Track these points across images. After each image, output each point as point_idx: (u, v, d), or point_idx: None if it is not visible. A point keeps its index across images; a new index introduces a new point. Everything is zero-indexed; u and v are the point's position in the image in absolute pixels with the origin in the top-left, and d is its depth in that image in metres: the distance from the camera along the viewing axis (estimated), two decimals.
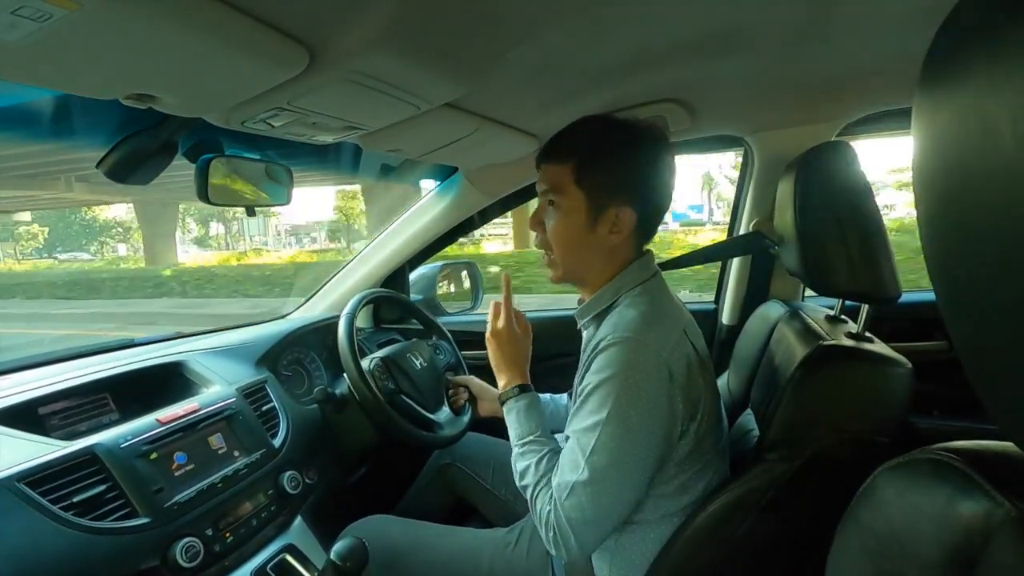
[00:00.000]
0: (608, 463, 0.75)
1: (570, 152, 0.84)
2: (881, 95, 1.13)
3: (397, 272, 1.65)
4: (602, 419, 0.75)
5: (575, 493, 0.76)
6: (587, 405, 0.77)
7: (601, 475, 0.75)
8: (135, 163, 0.86)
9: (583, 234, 0.85)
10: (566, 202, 0.85)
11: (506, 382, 0.98)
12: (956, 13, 0.31)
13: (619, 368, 0.75)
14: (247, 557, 0.93)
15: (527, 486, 0.85)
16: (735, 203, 1.47)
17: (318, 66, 0.65)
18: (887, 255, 0.86)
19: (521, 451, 0.89)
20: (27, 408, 0.91)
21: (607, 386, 0.75)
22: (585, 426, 0.77)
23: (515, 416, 0.93)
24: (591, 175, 0.83)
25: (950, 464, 0.37)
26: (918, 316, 1.18)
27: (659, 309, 0.82)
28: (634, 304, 0.82)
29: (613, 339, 0.77)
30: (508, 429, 0.94)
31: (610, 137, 0.84)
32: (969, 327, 0.33)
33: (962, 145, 0.30)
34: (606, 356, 0.76)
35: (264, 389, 1.16)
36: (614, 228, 0.83)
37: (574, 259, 0.88)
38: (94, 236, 18.98)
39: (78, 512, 0.76)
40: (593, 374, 0.77)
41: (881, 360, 0.79)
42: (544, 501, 0.80)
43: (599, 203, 0.83)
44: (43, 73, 0.58)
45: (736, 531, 0.77)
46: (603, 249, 0.85)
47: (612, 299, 0.86)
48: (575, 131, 0.86)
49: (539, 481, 0.83)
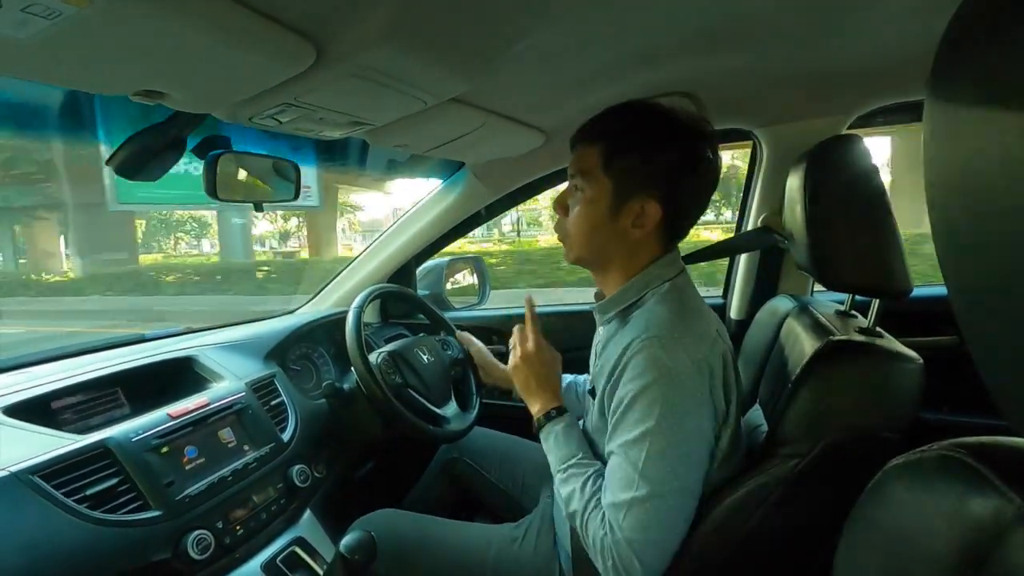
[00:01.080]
0: (666, 473, 0.70)
1: (602, 134, 0.81)
2: (892, 87, 1.12)
3: (404, 267, 1.66)
4: (650, 428, 0.70)
5: (633, 512, 0.70)
6: (630, 415, 0.73)
7: (660, 487, 0.70)
8: (144, 159, 0.86)
9: (603, 222, 0.81)
10: (591, 188, 0.81)
11: (541, 406, 0.92)
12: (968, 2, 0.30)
13: (660, 371, 0.71)
14: (257, 550, 0.95)
15: (575, 513, 0.79)
16: (743, 198, 1.45)
17: (325, 62, 0.66)
18: (898, 249, 0.85)
19: (564, 477, 0.83)
20: (41, 402, 0.92)
21: (650, 392, 0.71)
22: (632, 437, 0.72)
23: (553, 440, 0.87)
24: (620, 161, 0.79)
25: (961, 460, 0.37)
26: (929, 311, 1.17)
27: (691, 307, 0.79)
28: (664, 301, 0.78)
29: (647, 339, 0.73)
30: (547, 454, 0.88)
31: (646, 123, 0.79)
32: (980, 322, 0.32)
33: (975, 138, 0.30)
34: (642, 359, 0.72)
35: (273, 383, 1.17)
36: (637, 221, 0.79)
37: (591, 245, 0.85)
38: (170, 231, 18.68)
39: (91, 505, 0.77)
40: (631, 381, 0.73)
41: (892, 355, 0.79)
42: (596, 526, 0.74)
43: (624, 192, 0.79)
44: (53, 70, 0.58)
45: (744, 526, 0.77)
46: (623, 241, 0.82)
47: (638, 295, 0.82)
48: (611, 113, 0.82)
49: (587, 505, 0.77)
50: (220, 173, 0.97)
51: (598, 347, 0.90)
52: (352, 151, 1.57)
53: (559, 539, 0.95)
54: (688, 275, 0.85)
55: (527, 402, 0.95)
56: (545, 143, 1.30)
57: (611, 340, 0.83)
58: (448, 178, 1.55)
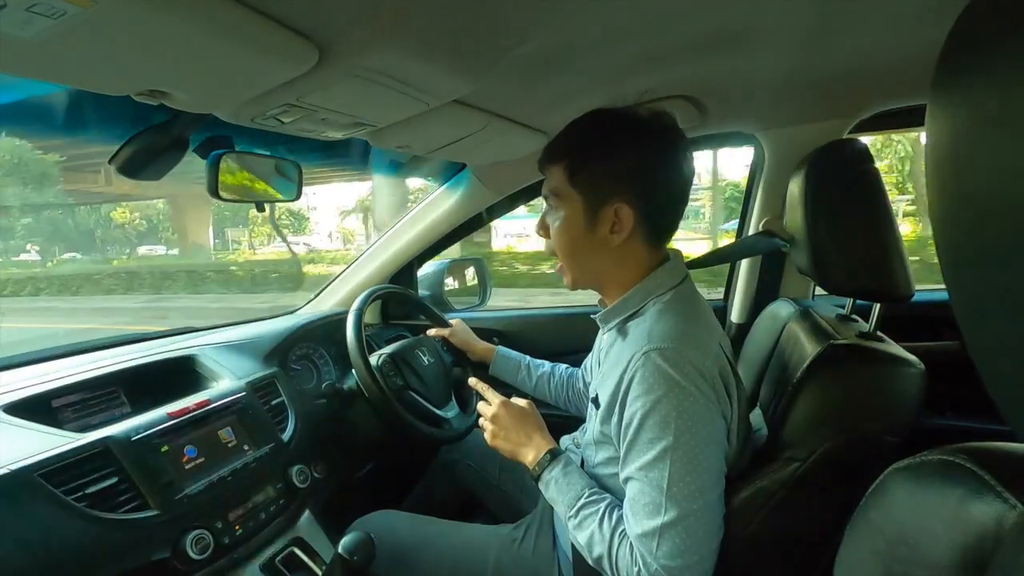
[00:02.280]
0: (692, 491, 0.68)
1: (564, 151, 0.81)
2: (894, 92, 1.12)
3: (405, 268, 1.66)
4: (668, 445, 0.68)
5: (666, 538, 0.67)
6: (643, 435, 0.71)
7: (689, 506, 0.68)
8: (147, 159, 0.87)
9: (583, 236, 0.81)
10: (564, 204, 0.81)
11: (533, 456, 0.87)
12: (971, 8, 0.30)
13: (669, 384, 0.69)
14: (256, 550, 0.94)
15: (600, 557, 0.75)
16: (744, 201, 1.45)
17: (327, 63, 0.66)
18: (899, 253, 0.85)
19: (577, 522, 0.78)
20: (41, 400, 0.92)
21: (661, 408, 0.69)
22: (651, 458, 0.69)
23: (555, 487, 0.83)
24: (585, 172, 0.79)
25: (962, 465, 0.37)
26: (931, 315, 1.16)
27: (694, 316, 0.78)
28: (668, 310, 0.77)
29: (650, 351, 0.71)
30: (553, 505, 0.84)
31: (605, 130, 0.79)
32: (982, 326, 0.32)
33: (977, 143, 0.29)
34: (648, 373, 0.70)
35: (273, 383, 1.17)
36: (615, 227, 0.78)
37: (580, 264, 0.84)
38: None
39: (90, 504, 0.77)
40: (639, 398, 0.71)
41: (893, 360, 0.79)
42: (627, 563, 0.71)
43: (596, 201, 0.78)
44: (57, 69, 0.58)
45: (745, 530, 0.77)
46: (608, 250, 0.80)
47: (639, 304, 0.81)
48: (570, 128, 0.83)
49: (611, 544, 0.73)
50: (222, 173, 0.98)
51: (600, 354, 0.90)
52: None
53: (559, 540, 0.95)
54: (691, 282, 0.84)
55: (518, 460, 0.90)
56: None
57: (612, 348, 0.83)
58: (450, 179, 1.56)
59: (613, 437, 0.78)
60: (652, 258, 0.83)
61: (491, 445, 0.94)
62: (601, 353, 0.90)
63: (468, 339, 1.37)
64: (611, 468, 0.81)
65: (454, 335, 1.37)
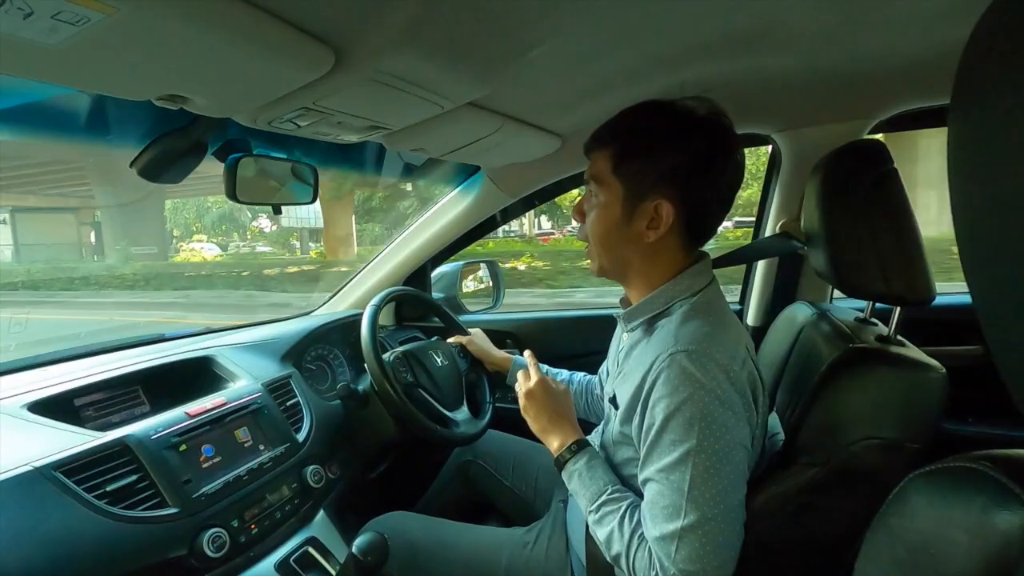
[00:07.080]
0: (713, 494, 0.67)
1: (611, 137, 0.79)
2: (915, 92, 1.10)
3: (419, 270, 1.67)
4: (691, 447, 0.67)
5: (686, 542, 0.66)
6: (666, 437, 0.69)
7: (709, 510, 0.66)
8: (167, 162, 0.88)
9: (618, 227, 0.79)
10: (604, 191, 0.80)
11: (560, 443, 0.87)
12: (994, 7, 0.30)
13: (693, 386, 0.68)
14: (271, 549, 0.95)
15: (618, 556, 0.74)
16: (761, 203, 1.44)
17: (343, 66, 0.66)
18: (920, 256, 0.83)
19: (598, 517, 0.78)
20: (64, 399, 0.94)
21: (686, 409, 0.68)
22: (672, 460, 0.68)
23: (578, 479, 0.82)
24: (629, 163, 0.77)
25: (985, 472, 0.36)
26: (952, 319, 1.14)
27: (723, 320, 0.76)
28: (695, 313, 0.76)
29: (675, 353, 0.70)
30: (574, 496, 0.84)
31: (656, 122, 0.77)
32: (1006, 330, 0.31)
33: (1001, 144, 0.29)
34: (673, 375, 0.69)
35: (289, 384, 1.18)
36: (652, 223, 0.76)
37: (609, 253, 0.82)
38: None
39: (110, 501, 0.78)
40: (663, 399, 0.70)
41: (914, 364, 0.77)
42: (645, 564, 0.70)
43: (637, 194, 0.76)
44: (80, 75, 0.60)
45: (762, 536, 0.76)
46: (641, 246, 0.79)
47: (665, 305, 0.79)
48: (622, 116, 0.80)
49: (629, 544, 0.73)
50: (240, 176, 0.99)
51: (620, 353, 0.89)
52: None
53: (572, 544, 0.94)
54: (718, 286, 0.83)
55: (544, 441, 0.91)
56: (561, 147, 1.30)
57: (635, 348, 0.82)
58: (464, 182, 1.56)
59: (634, 438, 0.77)
60: (684, 260, 0.81)
61: (521, 411, 0.95)
62: (620, 353, 0.89)
63: (486, 348, 1.37)
64: (631, 469, 0.80)
65: (472, 343, 1.37)
